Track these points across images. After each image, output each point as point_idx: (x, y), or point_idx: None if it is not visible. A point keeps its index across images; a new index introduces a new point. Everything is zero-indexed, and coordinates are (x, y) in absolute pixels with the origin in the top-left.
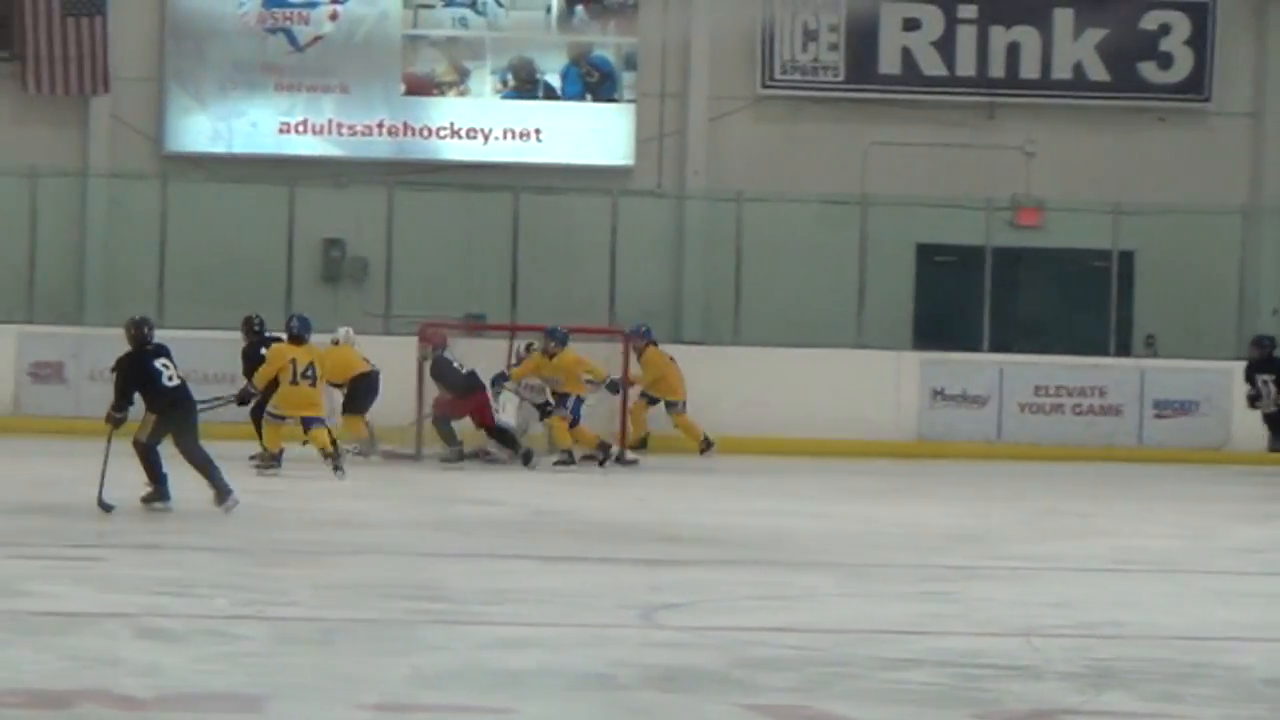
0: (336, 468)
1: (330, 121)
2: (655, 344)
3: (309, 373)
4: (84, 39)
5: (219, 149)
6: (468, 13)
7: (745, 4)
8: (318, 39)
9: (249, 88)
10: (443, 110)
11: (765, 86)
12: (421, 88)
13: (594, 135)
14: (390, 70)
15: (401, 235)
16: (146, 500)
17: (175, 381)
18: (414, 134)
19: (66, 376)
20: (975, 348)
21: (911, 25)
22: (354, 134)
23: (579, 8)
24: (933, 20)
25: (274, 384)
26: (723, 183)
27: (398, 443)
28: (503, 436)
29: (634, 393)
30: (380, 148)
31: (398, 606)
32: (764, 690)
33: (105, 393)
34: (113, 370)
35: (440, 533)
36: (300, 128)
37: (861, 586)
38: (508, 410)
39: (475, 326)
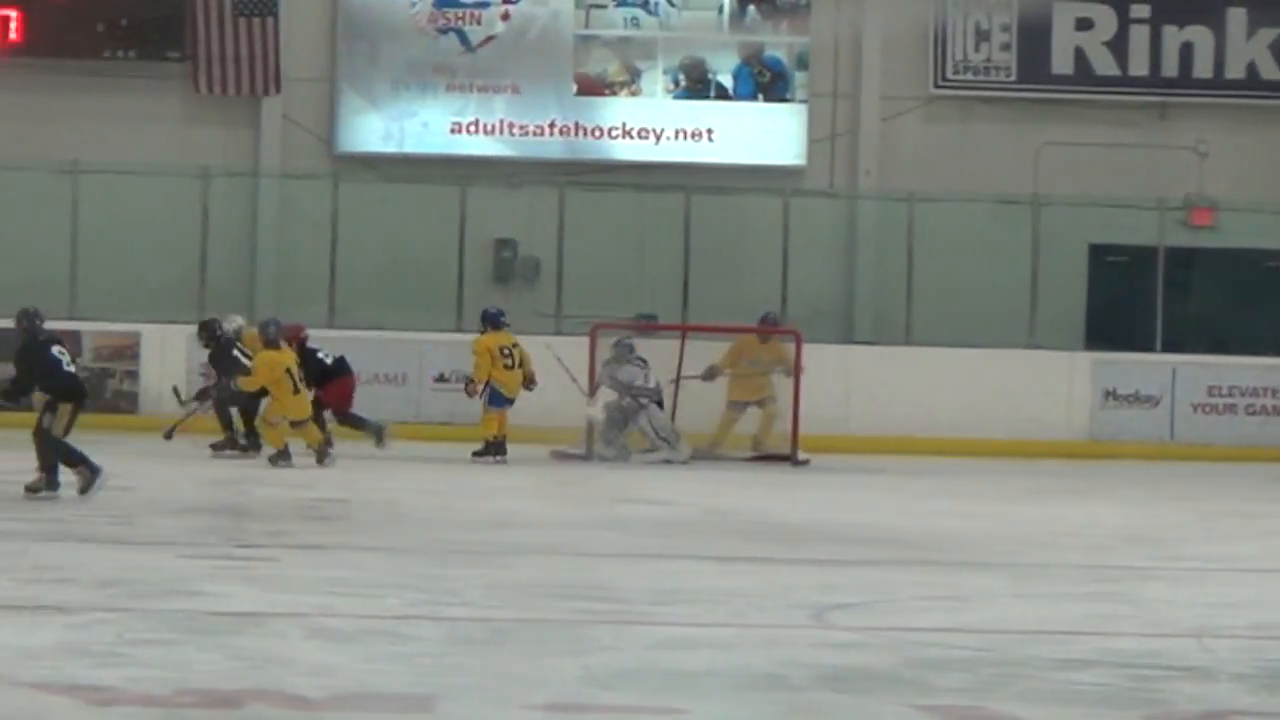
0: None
1: (502, 121)
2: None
3: (303, 377)
4: (255, 39)
5: (390, 149)
6: (639, 13)
7: (917, 4)
8: (489, 39)
9: (420, 88)
10: (614, 110)
11: (937, 86)
12: (593, 88)
13: (766, 135)
14: (562, 70)
15: (573, 235)
16: (32, 489)
17: (73, 368)
18: (585, 134)
19: None
20: (1148, 348)
21: (1084, 25)
22: (525, 134)
23: (751, 7)
24: (1105, 20)
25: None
26: (894, 183)
27: (568, 443)
28: (356, 422)
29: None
30: (552, 148)
31: (568, 606)
32: (935, 691)
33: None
34: (15, 361)
35: (611, 532)
36: (472, 128)
37: (1033, 587)
38: (599, 405)
39: (646, 326)
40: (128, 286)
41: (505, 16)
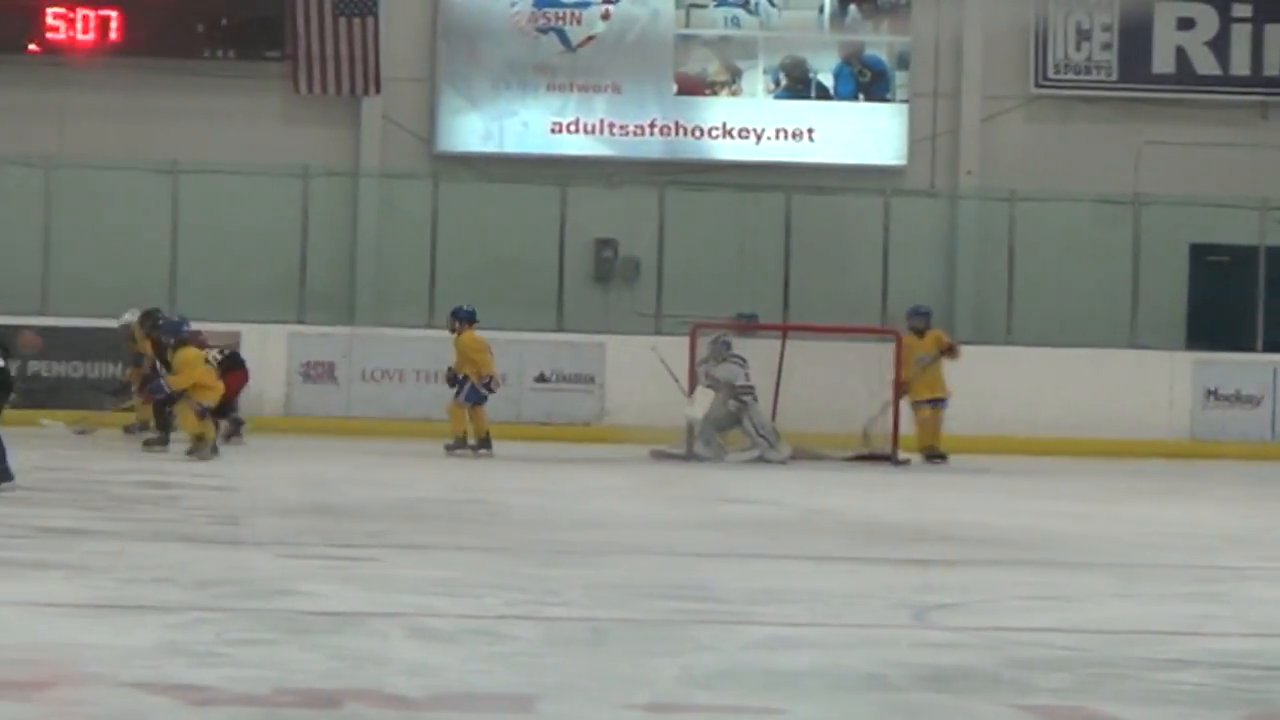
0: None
1: (602, 121)
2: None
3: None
4: (355, 39)
5: (490, 149)
6: (740, 12)
7: (1018, 3)
8: (590, 39)
9: (521, 88)
10: (715, 110)
11: (1038, 86)
12: (693, 87)
13: (866, 135)
14: (662, 70)
15: (673, 235)
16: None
17: (4, 363)
18: (686, 134)
19: (337, 376)
20: (1249, 348)
21: (1185, 24)
22: (626, 134)
23: (852, 7)
24: (1207, 19)
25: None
26: (995, 182)
27: (669, 443)
28: (228, 415)
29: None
30: (652, 147)
31: (668, 606)
32: (1036, 691)
33: (378, 392)
34: None
35: (710, 532)
36: (572, 127)
37: (1133, 587)
38: (698, 404)
39: (747, 326)
40: (227, 286)
41: (606, 16)
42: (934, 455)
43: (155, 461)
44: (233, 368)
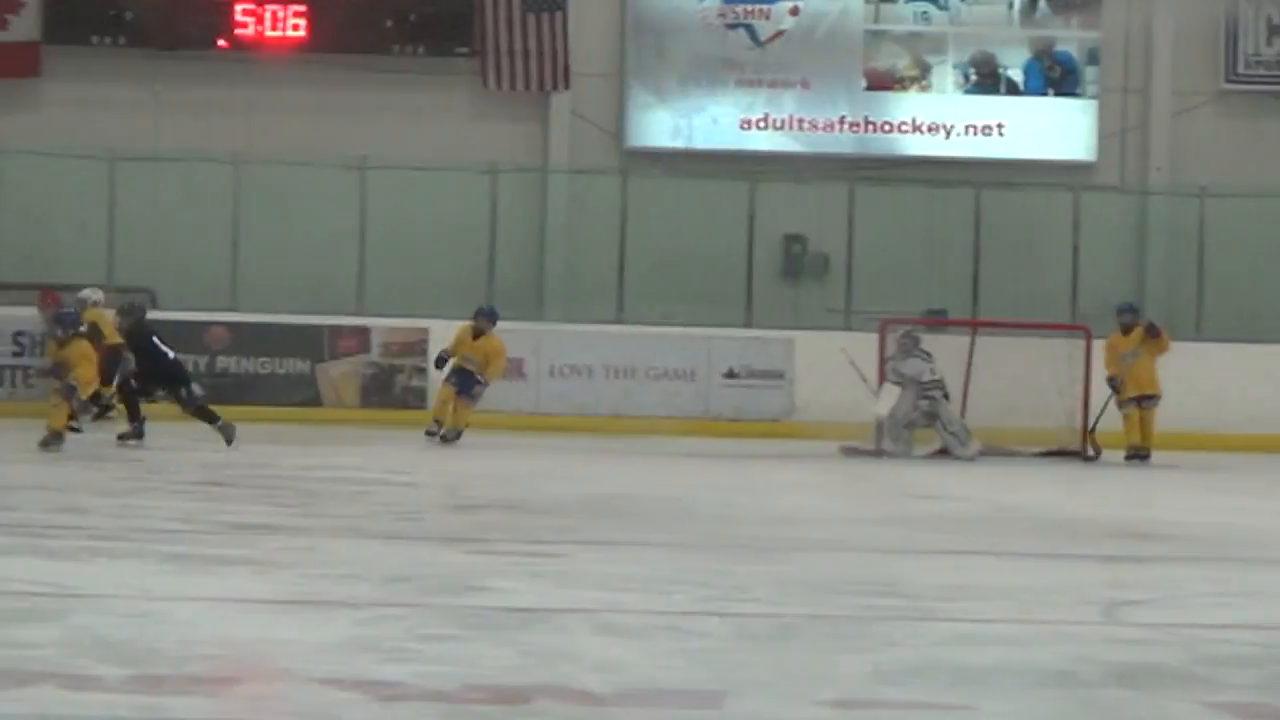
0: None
1: (791, 117)
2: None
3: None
4: (544, 35)
5: (679, 144)
6: (929, 7)
7: None
8: (779, 34)
9: (710, 83)
10: (904, 105)
11: (1229, 81)
12: (883, 83)
13: (1056, 130)
14: (851, 65)
15: (862, 230)
16: None
17: (172, 354)
18: (875, 129)
19: (526, 372)
20: None
21: None
22: (815, 129)
23: (1041, 2)
24: None
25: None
26: (1185, 178)
27: (858, 439)
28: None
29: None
30: (841, 143)
31: (857, 602)
32: (1226, 688)
33: (566, 388)
34: None
35: (899, 528)
36: (761, 123)
37: None
38: (884, 402)
39: (936, 321)
40: (415, 283)
41: (795, 12)
42: (1136, 454)
43: (334, 457)
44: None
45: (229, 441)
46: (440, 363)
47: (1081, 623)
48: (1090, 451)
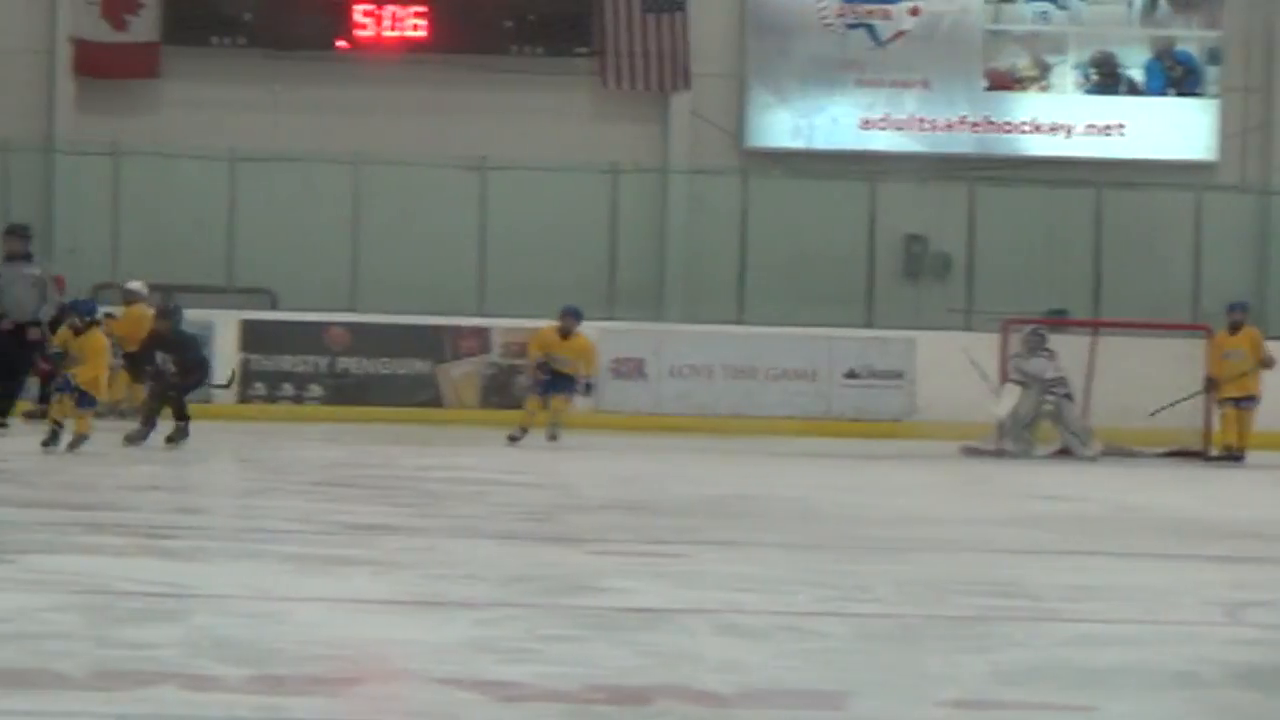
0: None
1: (911, 117)
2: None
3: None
4: (664, 35)
5: (799, 145)
6: (1049, 7)
7: None
8: (899, 34)
9: (830, 83)
10: (1024, 105)
11: None
12: (1003, 83)
13: (1177, 130)
14: (971, 65)
15: (983, 231)
16: None
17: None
18: (995, 129)
19: (647, 373)
20: None
21: None
22: (935, 129)
23: (1162, 1)
24: None
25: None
26: None
27: (979, 439)
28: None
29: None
30: (962, 143)
31: (978, 603)
32: None
33: (687, 388)
34: None
35: (1021, 528)
36: (881, 123)
37: None
38: (1004, 401)
39: (1057, 322)
40: (535, 283)
41: (915, 12)
42: (1229, 455)
43: (454, 457)
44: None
45: (176, 441)
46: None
47: (1203, 623)
48: (1212, 451)
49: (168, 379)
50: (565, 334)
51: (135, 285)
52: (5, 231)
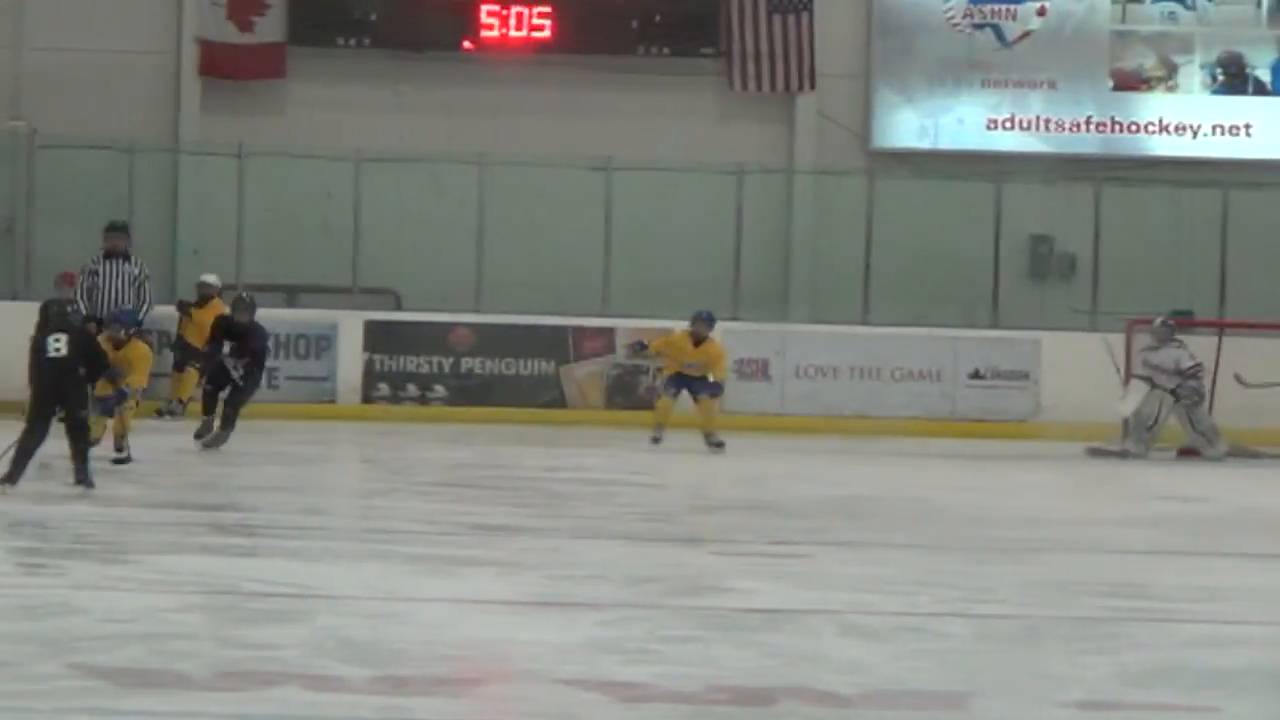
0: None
1: (1038, 118)
2: None
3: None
4: (790, 36)
5: (924, 145)
6: (1176, 7)
7: None
8: (1025, 35)
9: (956, 84)
10: (1151, 106)
11: None
12: (1130, 83)
13: None
14: (1098, 66)
15: (1109, 231)
16: None
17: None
18: (1121, 130)
19: (771, 374)
20: None
21: None
22: (1061, 130)
23: None
24: None
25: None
26: None
27: (1104, 439)
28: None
29: None
30: (1088, 144)
31: (1102, 604)
32: None
33: (811, 389)
34: None
35: (1145, 529)
36: (1007, 124)
37: None
38: (1129, 400)
39: (1183, 322)
40: (660, 284)
41: (1042, 12)
42: None
43: (579, 458)
44: None
45: (214, 447)
46: (640, 348)
47: None
48: None
49: (232, 380)
50: (698, 341)
51: (210, 279)
52: (106, 228)
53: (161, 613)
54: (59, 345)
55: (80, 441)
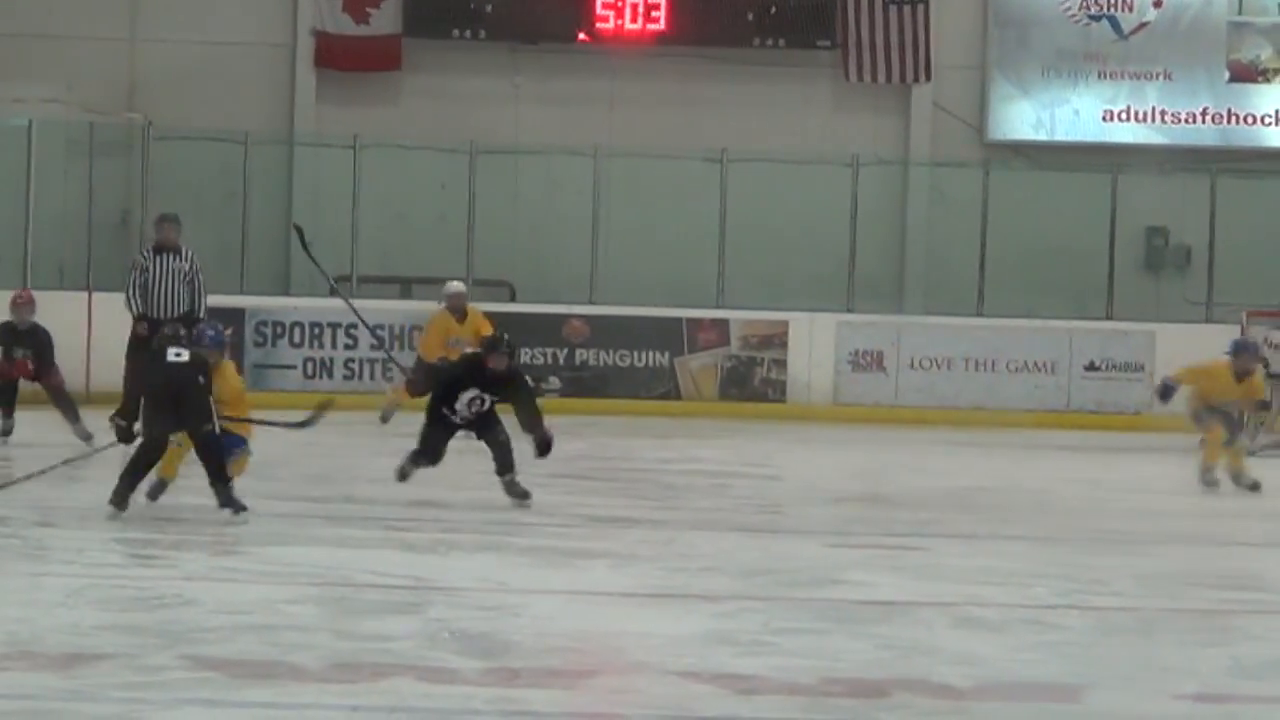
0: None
1: (1153, 109)
2: None
3: None
4: (905, 27)
5: (1040, 137)
6: None
7: None
8: (1142, 26)
9: (1072, 75)
10: (1267, 97)
11: None
12: (1246, 74)
13: None
14: (1214, 57)
15: (1224, 223)
16: None
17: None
18: (1238, 121)
19: (886, 365)
20: None
21: None
22: (1177, 121)
23: None
24: None
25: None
26: None
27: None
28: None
29: None
30: (1204, 135)
31: (1218, 596)
32: None
33: (926, 381)
34: None
35: (1260, 522)
36: (1123, 115)
37: None
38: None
39: None
40: (775, 275)
41: (1158, 4)
42: None
43: (693, 450)
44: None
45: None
46: (1168, 392)
47: None
48: None
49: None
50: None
51: (456, 285)
52: (158, 219)
53: (275, 604)
54: (179, 352)
55: (214, 460)
